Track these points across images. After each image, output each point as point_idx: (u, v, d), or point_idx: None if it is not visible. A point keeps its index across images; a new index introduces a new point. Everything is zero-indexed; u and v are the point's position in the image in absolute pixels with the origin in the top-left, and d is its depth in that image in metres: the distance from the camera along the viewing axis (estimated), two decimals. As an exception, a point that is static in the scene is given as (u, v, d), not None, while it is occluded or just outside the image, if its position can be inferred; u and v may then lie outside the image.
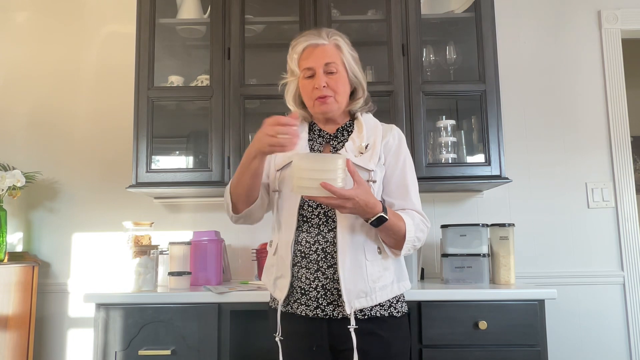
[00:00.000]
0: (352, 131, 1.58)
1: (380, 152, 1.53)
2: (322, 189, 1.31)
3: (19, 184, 2.43)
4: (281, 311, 1.50)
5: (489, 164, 2.28)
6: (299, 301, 1.47)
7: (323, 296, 1.45)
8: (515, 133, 2.65)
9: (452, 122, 2.39)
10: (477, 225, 2.22)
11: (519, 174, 2.59)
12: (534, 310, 1.95)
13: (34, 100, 2.74)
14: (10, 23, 2.80)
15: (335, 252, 1.44)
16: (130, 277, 2.09)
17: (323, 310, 1.45)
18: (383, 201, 1.51)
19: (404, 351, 1.52)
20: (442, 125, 2.38)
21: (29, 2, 2.81)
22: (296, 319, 1.48)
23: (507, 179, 2.29)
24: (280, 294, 1.49)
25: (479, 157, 2.35)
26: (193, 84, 2.48)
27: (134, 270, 2.10)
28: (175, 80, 2.48)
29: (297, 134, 1.36)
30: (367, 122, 1.59)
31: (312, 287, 1.46)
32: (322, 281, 1.45)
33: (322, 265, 1.45)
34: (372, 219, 1.39)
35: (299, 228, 1.49)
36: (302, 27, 2.35)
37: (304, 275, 1.47)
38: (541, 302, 1.97)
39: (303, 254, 1.47)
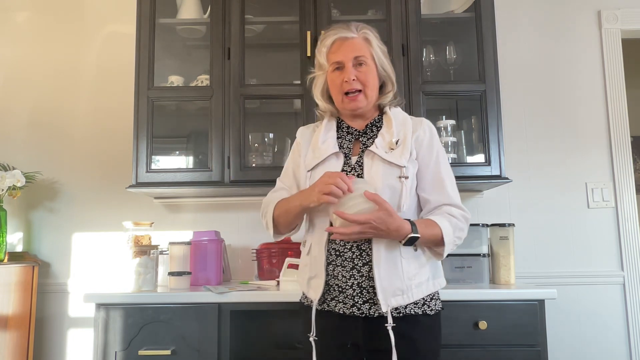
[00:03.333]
0: (381, 126, 1.56)
1: (411, 147, 1.50)
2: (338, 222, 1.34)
3: (19, 184, 2.43)
4: (316, 310, 1.49)
5: (489, 164, 2.27)
6: (336, 299, 1.46)
7: (359, 294, 1.44)
8: (515, 133, 2.64)
9: (452, 122, 2.39)
10: (477, 225, 2.22)
11: (519, 174, 2.59)
12: (534, 310, 1.95)
13: (34, 100, 2.74)
14: (10, 23, 2.80)
15: (371, 249, 1.43)
16: (130, 277, 2.09)
17: (359, 309, 1.44)
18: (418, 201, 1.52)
19: (435, 350, 1.50)
20: (442, 125, 2.37)
21: (29, 2, 2.81)
22: (332, 317, 1.47)
23: (507, 179, 2.29)
24: (315, 294, 1.48)
25: (479, 157, 2.35)
26: (193, 84, 2.48)
27: (134, 270, 2.10)
28: (175, 80, 2.48)
29: (348, 191, 1.35)
30: (396, 117, 1.56)
31: (348, 285, 1.44)
32: (357, 279, 1.44)
33: (357, 263, 1.44)
34: (404, 241, 1.39)
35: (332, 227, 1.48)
36: (302, 27, 2.35)
37: (340, 274, 1.46)
38: (541, 302, 1.97)
39: (338, 252, 1.46)
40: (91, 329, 2.14)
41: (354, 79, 1.50)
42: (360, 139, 1.56)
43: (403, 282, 1.42)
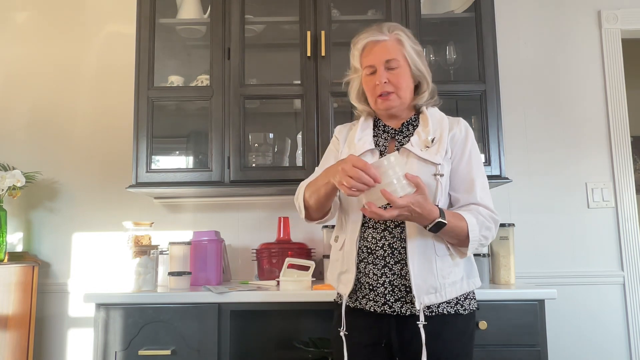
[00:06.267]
0: (417, 125, 1.56)
1: (447, 145, 1.50)
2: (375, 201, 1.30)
3: (19, 184, 2.43)
4: (348, 306, 1.50)
5: (489, 164, 2.27)
6: (367, 297, 1.47)
7: (390, 292, 1.44)
8: (515, 133, 2.64)
9: (452, 122, 2.39)
10: (477, 225, 2.21)
11: (519, 174, 2.59)
12: (534, 310, 1.95)
13: (34, 100, 2.74)
14: (10, 23, 2.80)
15: (403, 247, 1.43)
16: (130, 277, 2.09)
17: (390, 307, 1.44)
18: (450, 197, 1.50)
19: (468, 351, 1.49)
20: (442, 125, 2.37)
21: (29, 2, 2.81)
22: (364, 315, 1.48)
23: (507, 179, 2.29)
24: (345, 289, 1.49)
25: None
26: (193, 84, 2.48)
27: (134, 270, 2.10)
28: (175, 80, 2.48)
29: (371, 184, 1.30)
30: (433, 116, 1.56)
31: (379, 283, 1.45)
32: (389, 277, 1.44)
33: (389, 261, 1.44)
34: (430, 225, 1.37)
35: (365, 224, 1.48)
36: (302, 27, 2.35)
37: (371, 271, 1.46)
38: (541, 302, 1.96)
39: (369, 250, 1.47)
40: (91, 329, 2.14)
41: (385, 82, 1.51)
42: (396, 137, 1.56)
43: (437, 280, 1.42)
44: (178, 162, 2.59)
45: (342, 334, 1.48)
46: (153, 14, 2.38)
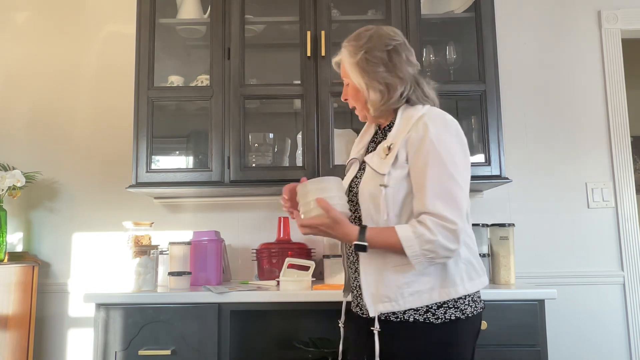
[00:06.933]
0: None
1: (398, 150, 1.40)
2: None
3: (19, 184, 2.43)
4: (346, 301, 1.61)
5: (489, 164, 2.28)
6: (350, 297, 1.58)
7: (360, 295, 1.48)
8: (515, 133, 2.64)
9: (452, 122, 2.39)
10: (477, 225, 2.21)
11: (519, 174, 2.59)
12: (534, 310, 1.95)
13: (34, 100, 2.74)
14: (10, 23, 2.80)
15: None
16: (130, 277, 2.09)
17: (361, 309, 1.50)
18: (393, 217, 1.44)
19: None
20: (442, 125, 2.37)
21: (29, 2, 2.81)
22: (351, 312, 1.58)
23: (507, 179, 2.29)
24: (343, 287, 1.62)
25: (479, 157, 2.34)
26: (193, 84, 2.48)
27: (134, 270, 2.10)
28: (175, 80, 2.48)
29: (290, 207, 1.52)
30: (402, 118, 1.47)
31: (354, 286, 1.53)
32: (359, 281, 1.47)
33: (358, 267, 1.48)
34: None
35: None
36: (302, 27, 2.36)
37: (350, 275, 1.55)
38: (541, 302, 1.97)
39: (347, 255, 1.56)
40: (91, 329, 2.14)
41: (346, 99, 1.58)
42: (380, 142, 1.55)
43: (391, 289, 1.37)
44: (178, 162, 2.59)
45: (340, 324, 1.60)
46: (153, 14, 2.38)
